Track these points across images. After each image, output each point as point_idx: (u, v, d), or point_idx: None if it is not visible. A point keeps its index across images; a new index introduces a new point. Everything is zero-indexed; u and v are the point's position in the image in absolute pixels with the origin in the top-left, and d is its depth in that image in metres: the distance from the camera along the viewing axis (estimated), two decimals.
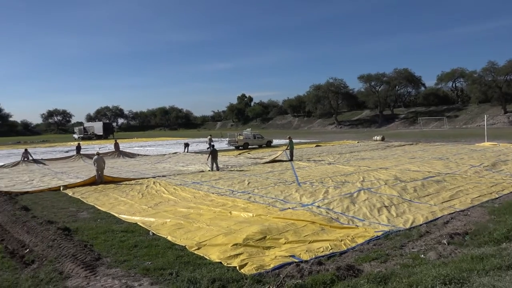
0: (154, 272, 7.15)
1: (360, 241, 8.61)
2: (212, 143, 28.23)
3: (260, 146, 38.75)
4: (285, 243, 8.55)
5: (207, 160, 21.78)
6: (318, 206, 11.95)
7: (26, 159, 28.22)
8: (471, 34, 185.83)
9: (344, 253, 7.93)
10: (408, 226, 9.70)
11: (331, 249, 8.12)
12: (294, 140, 27.19)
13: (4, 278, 7.24)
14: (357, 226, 9.91)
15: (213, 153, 21.41)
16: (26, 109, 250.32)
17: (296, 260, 7.42)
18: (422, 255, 7.36)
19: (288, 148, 25.88)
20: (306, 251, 7.99)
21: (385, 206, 11.68)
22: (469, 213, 10.72)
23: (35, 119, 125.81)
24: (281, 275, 6.53)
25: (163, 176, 19.78)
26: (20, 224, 10.83)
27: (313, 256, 7.66)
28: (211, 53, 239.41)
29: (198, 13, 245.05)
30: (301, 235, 9.04)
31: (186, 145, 36.61)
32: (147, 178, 19.21)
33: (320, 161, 24.57)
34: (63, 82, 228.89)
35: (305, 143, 43.47)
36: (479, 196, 12.65)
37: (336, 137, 54.63)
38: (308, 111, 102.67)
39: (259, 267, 7.15)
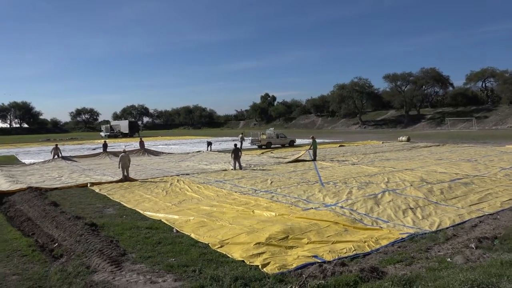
0: (177, 268, 7.25)
1: (384, 243, 8.49)
2: (242, 141, 28.30)
3: (283, 146, 38.66)
4: (307, 243, 8.51)
5: (231, 158, 21.91)
6: (342, 207, 11.84)
7: (56, 156, 29.08)
8: (502, 32, 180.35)
9: (367, 255, 7.83)
10: (434, 228, 9.49)
11: (355, 250, 8.03)
12: (317, 140, 27.00)
13: (35, 270, 7.49)
14: (381, 227, 9.76)
15: (236, 152, 21.52)
16: (56, 108, 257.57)
17: (319, 261, 7.38)
18: (449, 259, 7.19)
19: (312, 147, 25.73)
20: (329, 251, 7.94)
21: (410, 208, 11.47)
22: (498, 216, 10.40)
23: (64, 117, 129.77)
24: (303, 275, 6.51)
25: (187, 174, 20.01)
26: (50, 219, 11.17)
27: (336, 257, 7.60)
28: (235, 53, 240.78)
29: (222, 13, 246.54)
30: (324, 236, 8.99)
31: (209, 143, 36.93)
32: (171, 176, 19.47)
33: (343, 161, 24.32)
34: (90, 81, 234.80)
35: (329, 143, 43.12)
36: (510, 199, 12.26)
37: (360, 137, 53.94)
38: (331, 111, 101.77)
39: (282, 266, 7.15)
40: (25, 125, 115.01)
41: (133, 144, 46.29)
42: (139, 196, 14.52)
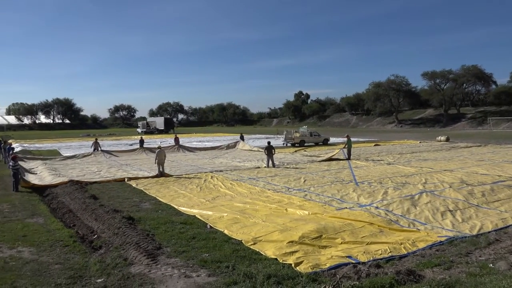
0: (211, 264, 7.35)
1: (421, 245, 8.25)
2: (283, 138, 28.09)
3: (317, 144, 38.29)
4: (341, 243, 8.40)
5: (265, 154, 21.93)
6: (377, 207, 11.60)
7: (96, 149, 30.15)
8: None
9: (404, 257, 7.63)
10: (475, 232, 9.13)
11: (390, 252, 7.85)
12: (352, 139, 26.55)
13: (76, 260, 7.80)
14: (419, 229, 9.49)
15: (269, 150, 21.52)
16: (96, 104, 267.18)
17: (353, 261, 7.27)
18: (491, 265, 6.89)
19: (346, 146, 25.35)
20: (364, 252, 7.80)
21: (450, 210, 11.07)
22: None
23: (103, 114, 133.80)
24: (337, 276, 6.43)
25: (220, 171, 20.21)
26: (89, 211, 11.59)
27: (371, 258, 7.46)
28: (270, 51, 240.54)
29: (259, 11, 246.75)
30: (358, 236, 8.84)
31: (242, 137, 37.73)
32: (205, 172, 19.73)
33: (379, 160, 23.81)
34: (128, 78, 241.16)
35: (363, 142, 42.32)
36: None
37: (396, 136, 52.59)
38: (367, 109, 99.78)
39: (315, 266, 7.09)
40: (67, 121, 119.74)
41: (168, 140, 47.23)
42: (174, 192, 14.80)
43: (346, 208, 11.69)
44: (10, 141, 38.57)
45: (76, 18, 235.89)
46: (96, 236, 9.56)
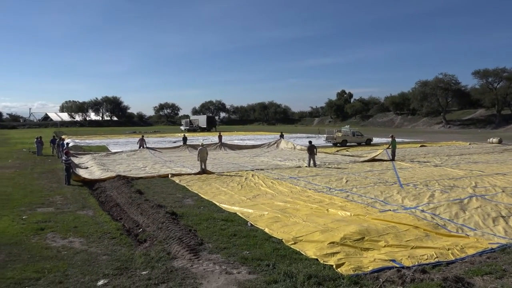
0: (251, 261, 7.40)
1: (470, 252, 7.87)
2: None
3: (359, 144, 37.51)
4: (384, 246, 8.19)
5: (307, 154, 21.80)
6: (422, 210, 11.20)
7: (141, 146, 31.20)
8: None
9: (451, 263, 7.32)
10: None
11: (437, 257, 7.56)
12: (396, 139, 25.76)
13: (122, 252, 8.12)
14: (467, 235, 9.07)
15: (311, 149, 21.33)
16: (141, 102, 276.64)
17: (397, 265, 7.06)
18: None
19: (390, 147, 24.65)
20: (408, 257, 7.56)
21: (502, 216, 10.49)
22: None
23: (149, 111, 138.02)
24: (380, 279, 6.28)
25: (261, 169, 20.28)
26: (135, 206, 12.02)
27: (416, 263, 7.21)
28: (311, 49, 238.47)
29: (299, 9, 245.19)
30: (403, 240, 8.58)
31: (282, 135, 37.65)
32: (246, 170, 19.88)
33: (425, 162, 22.96)
34: (172, 77, 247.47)
35: (408, 142, 40.97)
36: None
37: (443, 137, 50.48)
38: (412, 109, 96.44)
39: (357, 268, 6.96)
40: (115, 118, 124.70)
41: (210, 138, 48.02)
42: (215, 189, 15.03)
43: (390, 210, 11.37)
44: (63, 136, 40.73)
45: (121, 19, 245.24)
46: (141, 229, 9.89)
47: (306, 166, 21.16)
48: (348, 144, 36.89)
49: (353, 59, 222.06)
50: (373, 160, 23.65)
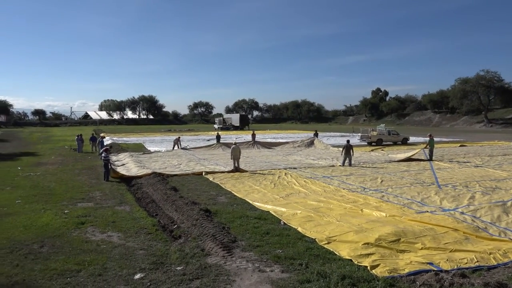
0: (284, 260, 7.39)
1: None
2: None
3: (395, 143, 36.60)
4: (421, 249, 7.97)
5: (341, 154, 21.51)
6: (462, 213, 10.80)
7: (176, 146, 31.81)
8: None
9: (493, 268, 7.02)
10: None
11: (477, 261, 7.27)
12: (434, 138, 24.94)
13: (158, 248, 8.32)
14: (511, 239, 8.67)
15: (348, 149, 21.05)
16: (176, 101, 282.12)
17: (435, 269, 6.86)
18: None
19: (428, 146, 23.91)
20: (447, 260, 7.32)
21: None
22: None
23: (183, 110, 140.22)
24: (417, 282, 6.12)
25: (294, 168, 20.20)
26: (170, 202, 12.27)
27: (455, 267, 6.97)
28: (345, 46, 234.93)
29: (334, 6, 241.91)
30: (441, 242, 8.31)
31: (316, 134, 37.38)
32: (279, 169, 19.85)
33: (465, 162, 22.12)
34: (206, 76, 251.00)
35: (447, 142, 39.57)
36: None
37: (485, 136, 48.40)
38: (451, 107, 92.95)
39: (392, 270, 6.81)
40: (151, 117, 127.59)
41: (243, 136, 48.30)
42: (248, 187, 15.11)
43: (427, 211, 11.05)
44: (102, 134, 42.14)
45: (159, 19, 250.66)
46: (176, 226, 10.09)
47: (339, 165, 20.88)
48: (383, 143, 36.10)
49: (389, 56, 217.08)
50: (409, 159, 23.03)
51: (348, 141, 21.75)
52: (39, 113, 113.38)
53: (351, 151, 21.11)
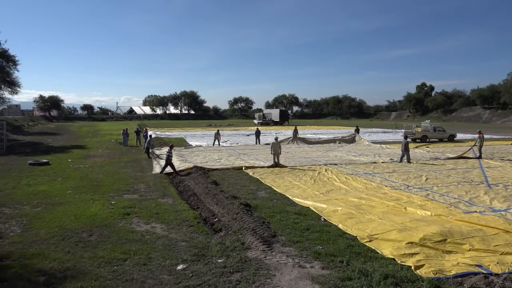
0: (325, 257, 7.32)
1: None
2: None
3: (441, 140, 35.21)
4: (469, 250, 7.64)
5: (401, 150, 21.10)
6: None
7: (217, 141, 32.23)
8: None
9: None
10: None
11: None
12: (484, 135, 23.73)
13: (199, 240, 8.49)
14: None
15: (406, 145, 20.66)
16: (216, 96, 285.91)
17: (484, 271, 6.55)
18: None
19: (476, 144, 22.82)
20: (497, 263, 6.97)
21: None
22: None
23: (223, 105, 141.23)
24: (465, 285, 5.88)
25: (335, 164, 19.93)
26: (211, 196, 12.47)
27: (506, 271, 6.64)
28: (389, 40, 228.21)
29: None
30: (491, 244, 7.93)
31: (357, 130, 36.57)
32: (319, 165, 19.65)
33: None
34: (246, 72, 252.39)
35: (498, 139, 37.54)
36: None
37: None
38: (503, 103, 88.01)
39: (438, 271, 6.58)
40: (192, 112, 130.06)
41: (283, 132, 48.18)
42: (288, 182, 15.07)
43: (476, 212, 10.57)
44: (146, 128, 43.44)
45: (201, 16, 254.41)
46: (217, 219, 10.26)
47: (398, 162, 20.52)
48: (428, 140, 34.83)
49: (435, 50, 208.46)
50: (458, 157, 22.11)
51: (406, 137, 21.35)
52: (87, 108, 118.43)
53: (408, 148, 20.74)
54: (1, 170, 18.39)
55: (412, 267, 6.76)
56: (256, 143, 32.38)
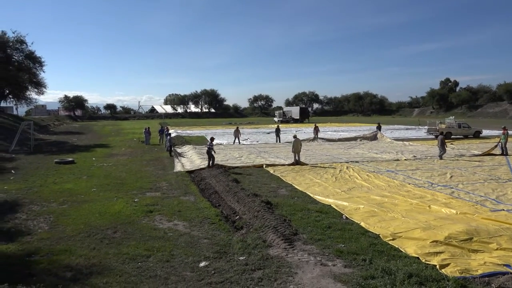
0: (347, 255, 7.27)
1: None
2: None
3: (466, 137, 34.36)
4: (497, 249, 7.45)
5: (438, 146, 20.80)
6: None
7: (237, 138, 32.35)
8: None
9: None
10: None
11: None
12: (510, 132, 23.02)
13: (221, 237, 8.56)
14: None
15: (442, 140, 20.48)
16: (237, 94, 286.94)
17: None
18: None
19: (501, 140, 22.16)
20: None
21: None
22: None
23: (243, 103, 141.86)
24: (492, 285, 5.74)
25: (356, 161, 19.72)
26: (232, 194, 12.54)
27: None
28: (412, 35, 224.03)
29: None
30: None
31: (379, 127, 35.95)
32: (340, 162, 19.48)
33: None
34: (266, 69, 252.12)
35: None
36: None
37: None
38: None
39: (464, 270, 6.44)
40: (212, 110, 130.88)
41: (303, 129, 47.95)
42: (309, 180, 15.00)
43: (504, 210, 10.29)
44: (167, 126, 43.97)
45: (222, 14, 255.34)
46: (238, 217, 10.31)
47: (439, 158, 20.23)
48: (453, 136, 34.04)
49: (459, 44, 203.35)
50: (484, 154, 21.54)
51: (442, 133, 21.08)
52: (110, 107, 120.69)
53: (445, 144, 20.60)
54: (29, 168, 18.96)
55: (437, 266, 6.64)
56: (277, 141, 32.31)
